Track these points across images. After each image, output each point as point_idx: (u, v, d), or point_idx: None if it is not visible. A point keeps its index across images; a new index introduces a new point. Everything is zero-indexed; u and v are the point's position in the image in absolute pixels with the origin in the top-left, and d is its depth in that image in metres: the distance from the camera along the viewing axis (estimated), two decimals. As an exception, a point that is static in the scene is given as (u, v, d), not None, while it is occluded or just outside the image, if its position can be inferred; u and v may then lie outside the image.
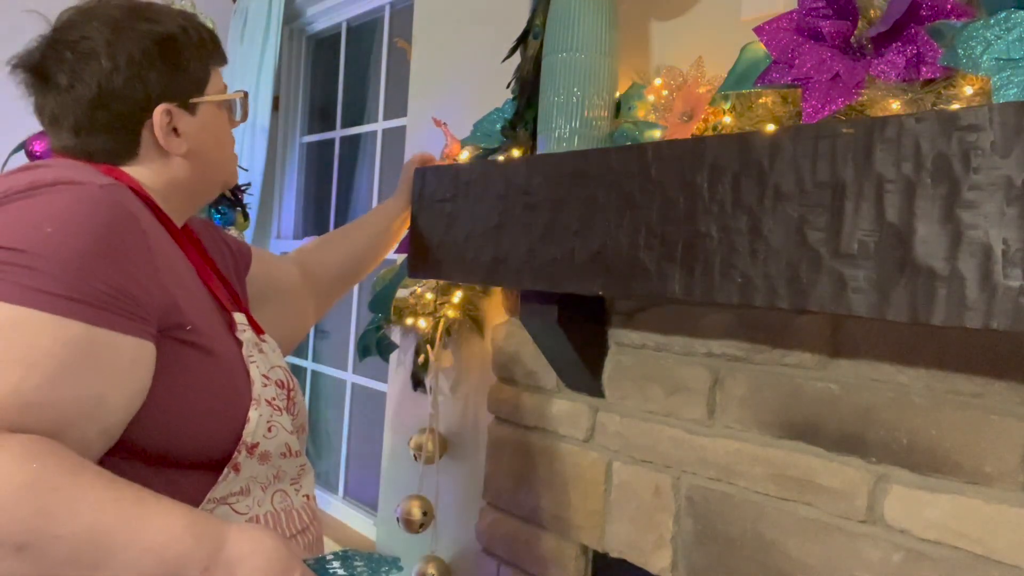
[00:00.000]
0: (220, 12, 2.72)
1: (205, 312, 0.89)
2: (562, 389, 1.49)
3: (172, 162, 0.95)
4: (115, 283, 0.75)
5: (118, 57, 0.88)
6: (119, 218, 0.79)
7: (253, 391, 0.89)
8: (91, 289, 0.73)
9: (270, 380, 0.93)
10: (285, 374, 0.99)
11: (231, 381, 0.88)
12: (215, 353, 0.87)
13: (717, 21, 1.30)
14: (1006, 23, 0.81)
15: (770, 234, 0.90)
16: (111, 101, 0.89)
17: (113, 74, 0.88)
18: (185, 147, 0.95)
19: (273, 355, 0.99)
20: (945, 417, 0.98)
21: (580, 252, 1.13)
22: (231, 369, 0.89)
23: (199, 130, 0.96)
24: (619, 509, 1.38)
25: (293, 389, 0.99)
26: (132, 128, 0.92)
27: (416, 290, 1.80)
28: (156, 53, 0.91)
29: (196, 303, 0.88)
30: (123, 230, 0.79)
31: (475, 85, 1.80)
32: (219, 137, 1.01)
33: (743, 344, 1.20)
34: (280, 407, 0.93)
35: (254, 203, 2.60)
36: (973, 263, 0.74)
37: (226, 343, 0.90)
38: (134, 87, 0.90)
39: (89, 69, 0.88)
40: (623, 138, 1.27)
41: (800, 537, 1.12)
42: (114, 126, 0.91)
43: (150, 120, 0.91)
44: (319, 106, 2.94)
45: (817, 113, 0.95)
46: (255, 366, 0.91)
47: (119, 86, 0.89)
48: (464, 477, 1.78)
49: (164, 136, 0.92)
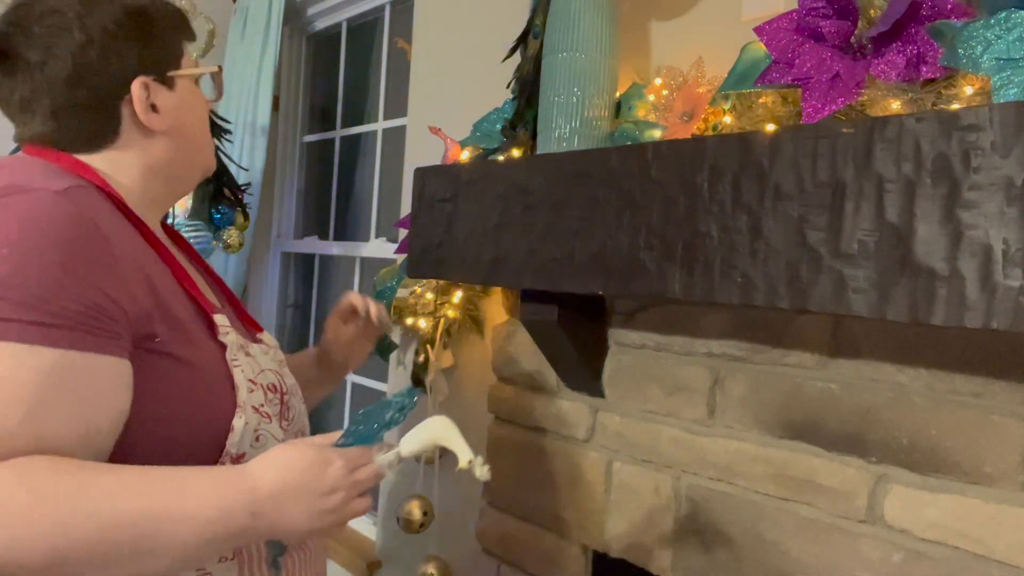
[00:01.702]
0: (220, 12, 2.72)
1: (180, 317, 0.83)
2: (562, 389, 1.49)
3: (154, 142, 0.90)
4: (84, 299, 0.71)
5: (91, 29, 0.83)
6: (78, 228, 0.74)
7: (237, 398, 0.84)
8: (61, 310, 0.70)
9: (258, 385, 0.88)
10: (278, 377, 0.94)
11: (210, 390, 0.83)
12: (190, 362, 0.82)
13: (717, 21, 1.30)
14: (1006, 23, 0.81)
15: (770, 234, 0.90)
16: (88, 77, 0.84)
17: (87, 48, 0.83)
18: (166, 123, 0.90)
19: (264, 358, 0.94)
20: (945, 417, 0.98)
21: (580, 252, 1.13)
22: (210, 377, 0.84)
23: (178, 105, 0.92)
24: (619, 509, 1.38)
25: (287, 393, 0.94)
26: (112, 106, 0.86)
27: (416, 290, 1.80)
28: (129, 24, 0.86)
29: (170, 309, 0.82)
30: (84, 241, 0.74)
31: (475, 85, 1.80)
32: (199, 114, 0.96)
33: (743, 344, 1.20)
34: (269, 414, 0.88)
35: (254, 203, 2.59)
36: (973, 263, 0.74)
37: (205, 349, 0.85)
38: (110, 60, 0.84)
39: (61, 43, 0.82)
40: (623, 138, 1.27)
41: (800, 537, 1.12)
42: (92, 105, 0.85)
43: (129, 96, 0.87)
44: (319, 106, 2.94)
45: (817, 113, 0.95)
46: (239, 370, 0.86)
47: (94, 60, 0.83)
48: (464, 477, 1.78)
49: (144, 112, 0.87)
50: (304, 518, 0.75)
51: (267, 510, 0.73)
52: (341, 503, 0.77)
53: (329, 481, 0.76)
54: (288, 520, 0.74)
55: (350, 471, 0.78)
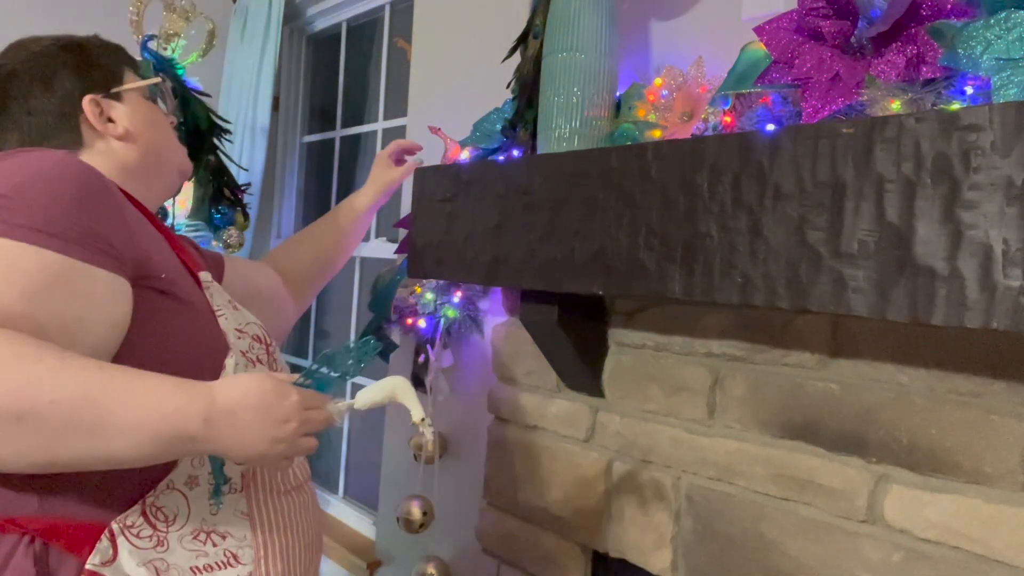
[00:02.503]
0: (220, 12, 2.72)
1: (176, 268, 0.93)
2: (562, 389, 1.49)
3: (116, 148, 1.01)
4: (87, 225, 0.79)
5: (33, 70, 0.98)
6: (91, 174, 0.83)
7: (228, 341, 0.92)
8: (65, 226, 0.77)
9: (245, 334, 0.96)
10: (262, 331, 1.01)
11: (207, 330, 0.92)
12: (190, 303, 0.91)
13: (717, 21, 1.30)
14: (1006, 23, 0.81)
15: (770, 234, 0.90)
16: (40, 107, 0.98)
17: (32, 85, 0.98)
18: (120, 130, 1.01)
19: (249, 314, 1.03)
20: (945, 417, 0.98)
21: (580, 252, 1.13)
22: (204, 320, 0.92)
23: (131, 113, 1.03)
24: (619, 509, 1.38)
25: (272, 346, 1.02)
26: (69, 125, 0.99)
27: (416, 290, 1.80)
28: (65, 56, 1.00)
29: (167, 259, 0.92)
30: (95, 185, 0.83)
31: (475, 85, 1.80)
32: (153, 120, 1.07)
33: (743, 344, 1.20)
34: (257, 359, 0.96)
35: (254, 203, 2.59)
36: (973, 263, 0.74)
37: (197, 296, 0.94)
38: (53, 90, 0.98)
39: (13, 88, 0.98)
40: (623, 138, 1.27)
41: (800, 537, 1.12)
42: (52, 127, 0.98)
43: (83, 114, 0.99)
44: (319, 106, 2.94)
45: (817, 113, 0.95)
46: (224, 319, 0.94)
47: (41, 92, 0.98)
48: (464, 477, 1.78)
49: (100, 124, 1.00)
50: (254, 439, 0.78)
51: (221, 422, 0.76)
52: (291, 434, 0.80)
53: (284, 410, 0.80)
54: (238, 436, 0.77)
55: (304, 408, 0.82)
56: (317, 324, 2.90)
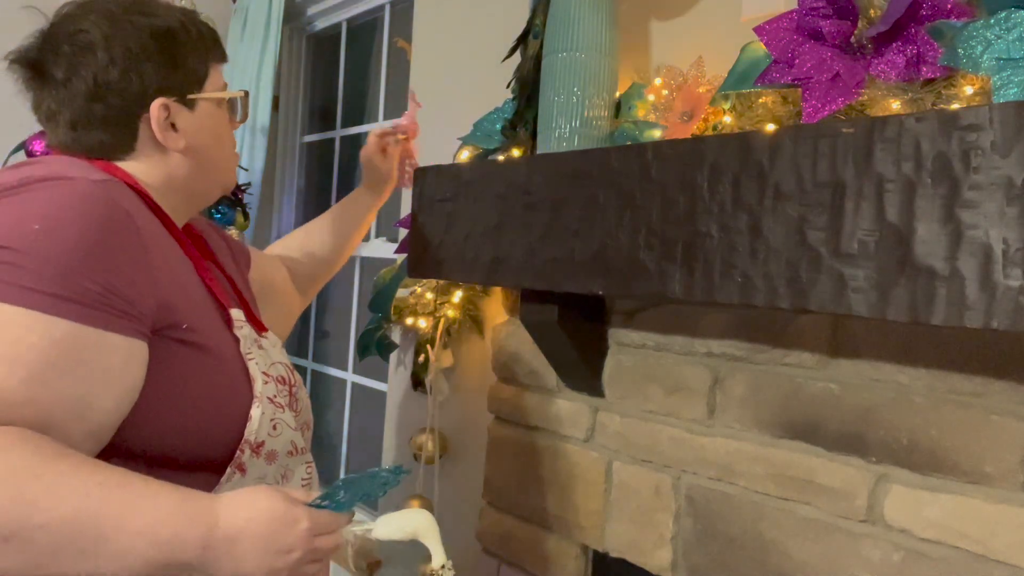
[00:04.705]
0: (220, 12, 2.72)
1: (202, 309, 0.88)
2: (562, 389, 1.49)
3: (170, 159, 0.94)
4: (105, 281, 0.74)
5: (114, 50, 0.87)
6: (112, 214, 0.78)
7: (254, 388, 0.88)
8: (80, 287, 0.73)
9: (271, 377, 0.92)
10: (287, 370, 0.98)
11: (230, 379, 0.87)
12: (212, 351, 0.86)
13: (717, 21, 1.30)
14: (1006, 23, 0.81)
15: (770, 234, 0.90)
16: (107, 95, 0.88)
17: (109, 67, 0.87)
18: (183, 143, 0.93)
19: (274, 351, 0.98)
20: (945, 417, 0.98)
21: (580, 252, 1.13)
22: (230, 367, 0.88)
23: (197, 127, 0.95)
24: (619, 509, 1.38)
25: (295, 385, 0.98)
26: (128, 123, 0.90)
27: (416, 290, 1.80)
28: (153, 47, 0.90)
29: (192, 301, 0.87)
30: (116, 227, 0.77)
31: (475, 85, 1.80)
32: (218, 135, 0.99)
33: (743, 344, 1.20)
34: (282, 404, 0.92)
35: (254, 203, 2.59)
36: (973, 263, 0.74)
37: (223, 340, 0.89)
38: (130, 80, 0.88)
39: (85, 62, 0.87)
40: (623, 138, 1.27)
41: (800, 537, 1.12)
42: (110, 120, 0.89)
43: (147, 115, 0.90)
44: (319, 106, 2.94)
45: (817, 113, 0.95)
46: (254, 363, 0.90)
47: (115, 79, 0.88)
48: (464, 477, 1.78)
49: (161, 131, 0.91)
50: (252, 567, 0.74)
51: (220, 549, 0.72)
52: (294, 564, 0.76)
53: (290, 540, 0.75)
54: (236, 564, 0.73)
55: (313, 536, 0.77)
56: (317, 324, 2.90)
